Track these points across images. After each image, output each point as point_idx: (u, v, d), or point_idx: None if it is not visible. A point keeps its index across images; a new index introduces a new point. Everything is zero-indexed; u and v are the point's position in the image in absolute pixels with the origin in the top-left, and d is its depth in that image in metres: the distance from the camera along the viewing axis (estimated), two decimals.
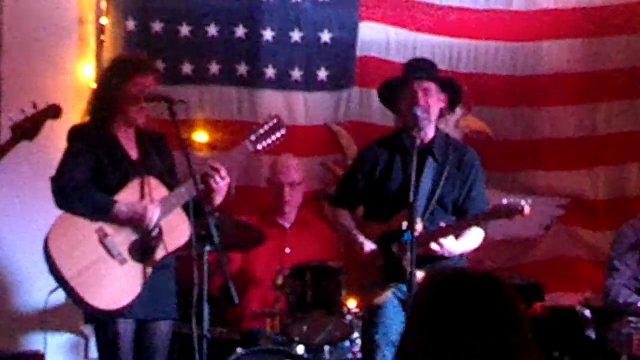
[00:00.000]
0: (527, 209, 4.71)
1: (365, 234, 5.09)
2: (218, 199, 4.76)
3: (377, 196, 5.12)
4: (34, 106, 4.65)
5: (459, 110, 6.68)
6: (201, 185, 4.65)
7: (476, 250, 5.12)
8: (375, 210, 5.13)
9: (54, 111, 4.71)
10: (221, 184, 4.73)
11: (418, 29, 6.75)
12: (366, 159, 5.22)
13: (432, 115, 5.04)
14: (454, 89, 5.15)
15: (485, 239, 5.14)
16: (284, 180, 6.09)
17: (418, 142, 4.88)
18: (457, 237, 4.92)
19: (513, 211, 4.76)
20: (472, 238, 5.01)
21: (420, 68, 5.11)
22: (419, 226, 4.77)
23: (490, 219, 4.93)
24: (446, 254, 4.88)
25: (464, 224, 4.97)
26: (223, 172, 4.73)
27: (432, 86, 5.03)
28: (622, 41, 6.83)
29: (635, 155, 6.81)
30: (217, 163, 4.73)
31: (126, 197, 4.67)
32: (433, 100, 5.02)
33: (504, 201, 4.77)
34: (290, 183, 6.10)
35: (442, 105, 5.10)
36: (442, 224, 4.90)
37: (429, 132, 5.08)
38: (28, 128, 4.66)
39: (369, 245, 5.05)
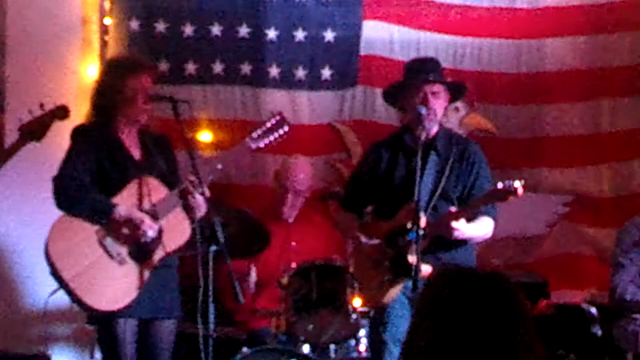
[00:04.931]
0: (520, 190, 4.73)
1: (373, 233, 5.09)
2: (198, 214, 4.71)
3: (382, 194, 5.12)
4: (42, 107, 4.66)
5: (462, 109, 6.69)
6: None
7: (482, 248, 5.10)
8: (382, 208, 5.14)
9: (61, 112, 4.71)
10: (199, 199, 4.68)
11: (422, 28, 6.74)
12: (370, 158, 5.23)
13: (437, 116, 5.06)
14: (461, 91, 5.20)
15: (490, 237, 5.14)
16: (289, 187, 6.06)
17: (423, 137, 4.89)
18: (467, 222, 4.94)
19: (507, 193, 4.77)
20: (483, 225, 5.01)
21: (429, 70, 5.10)
22: (422, 221, 4.77)
23: (486, 203, 4.92)
24: (458, 236, 4.87)
25: (467, 209, 4.95)
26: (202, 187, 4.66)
27: (441, 89, 5.05)
28: (625, 38, 6.82)
29: None
30: (192, 175, 4.67)
31: (126, 198, 4.66)
32: (440, 102, 5.05)
33: (499, 184, 4.79)
34: (296, 191, 6.08)
35: (446, 104, 5.13)
36: (453, 209, 4.90)
37: (433, 129, 5.09)
38: (36, 129, 4.68)
39: (373, 242, 5.06)
